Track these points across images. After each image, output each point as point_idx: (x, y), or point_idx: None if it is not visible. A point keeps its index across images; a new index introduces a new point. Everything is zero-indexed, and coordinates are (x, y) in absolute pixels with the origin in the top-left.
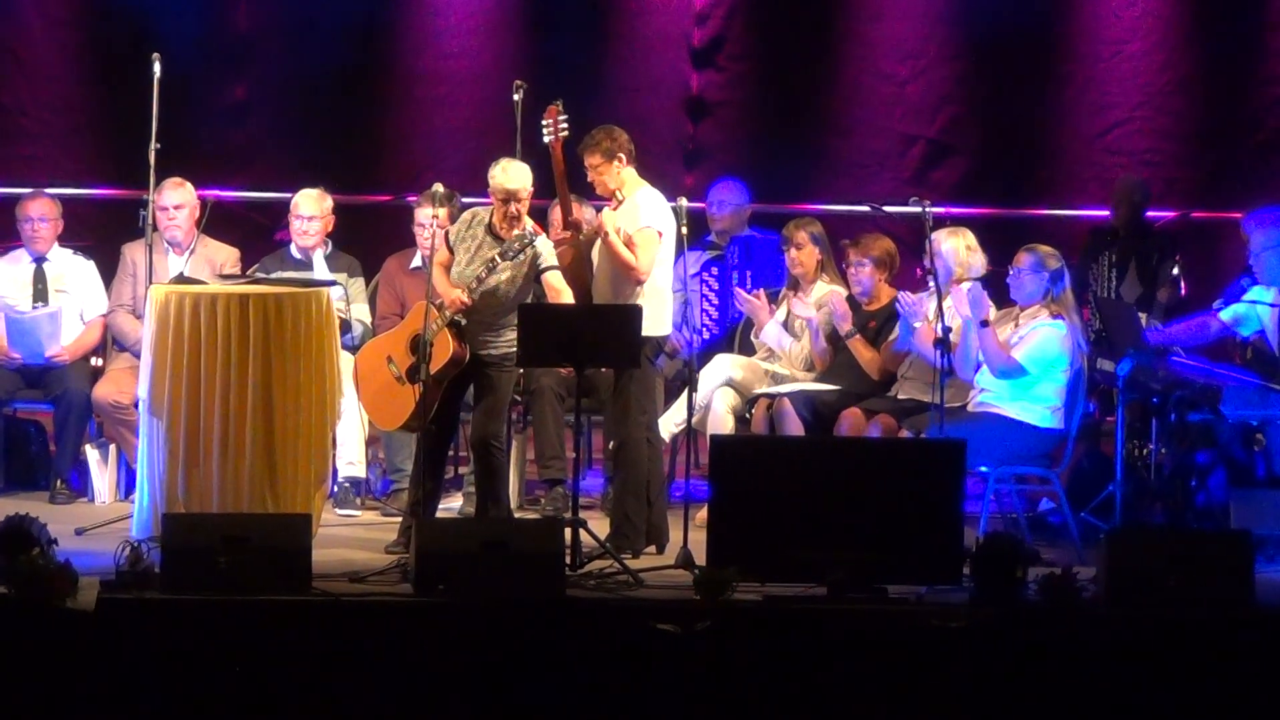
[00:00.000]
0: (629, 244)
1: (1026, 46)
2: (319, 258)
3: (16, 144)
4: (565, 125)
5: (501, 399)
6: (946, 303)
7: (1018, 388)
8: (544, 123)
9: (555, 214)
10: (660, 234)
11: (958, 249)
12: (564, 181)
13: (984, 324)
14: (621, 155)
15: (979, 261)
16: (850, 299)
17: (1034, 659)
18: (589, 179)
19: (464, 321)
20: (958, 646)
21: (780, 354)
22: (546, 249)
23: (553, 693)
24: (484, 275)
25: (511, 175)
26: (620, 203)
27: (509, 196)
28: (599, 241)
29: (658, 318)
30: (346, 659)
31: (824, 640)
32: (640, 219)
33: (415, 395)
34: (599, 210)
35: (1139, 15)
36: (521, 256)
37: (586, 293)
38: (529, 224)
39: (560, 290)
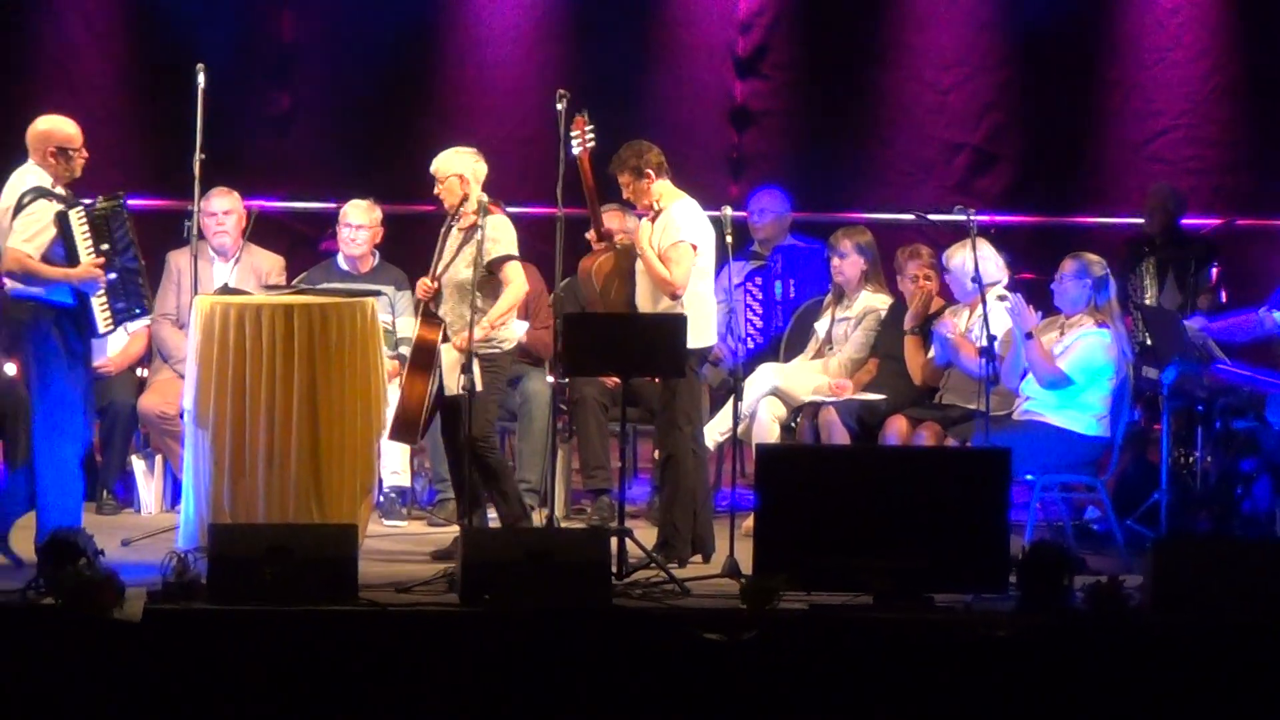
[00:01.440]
0: (663, 258)
1: (1070, 54)
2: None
3: None
4: (592, 136)
5: (483, 399)
6: (991, 308)
7: (1063, 396)
8: (572, 134)
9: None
10: (695, 247)
11: (965, 262)
12: (593, 194)
13: (1028, 335)
14: (650, 170)
15: (991, 270)
16: (900, 303)
17: (1080, 667)
18: (625, 196)
19: (433, 307)
20: (1003, 655)
21: (821, 363)
22: (497, 229)
23: (599, 702)
24: (448, 259)
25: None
26: (657, 214)
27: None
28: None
29: (703, 329)
30: (393, 669)
31: (870, 649)
32: (674, 233)
33: (400, 401)
34: (641, 220)
35: (1183, 23)
36: (477, 234)
37: (629, 305)
38: (484, 198)
39: (510, 280)
